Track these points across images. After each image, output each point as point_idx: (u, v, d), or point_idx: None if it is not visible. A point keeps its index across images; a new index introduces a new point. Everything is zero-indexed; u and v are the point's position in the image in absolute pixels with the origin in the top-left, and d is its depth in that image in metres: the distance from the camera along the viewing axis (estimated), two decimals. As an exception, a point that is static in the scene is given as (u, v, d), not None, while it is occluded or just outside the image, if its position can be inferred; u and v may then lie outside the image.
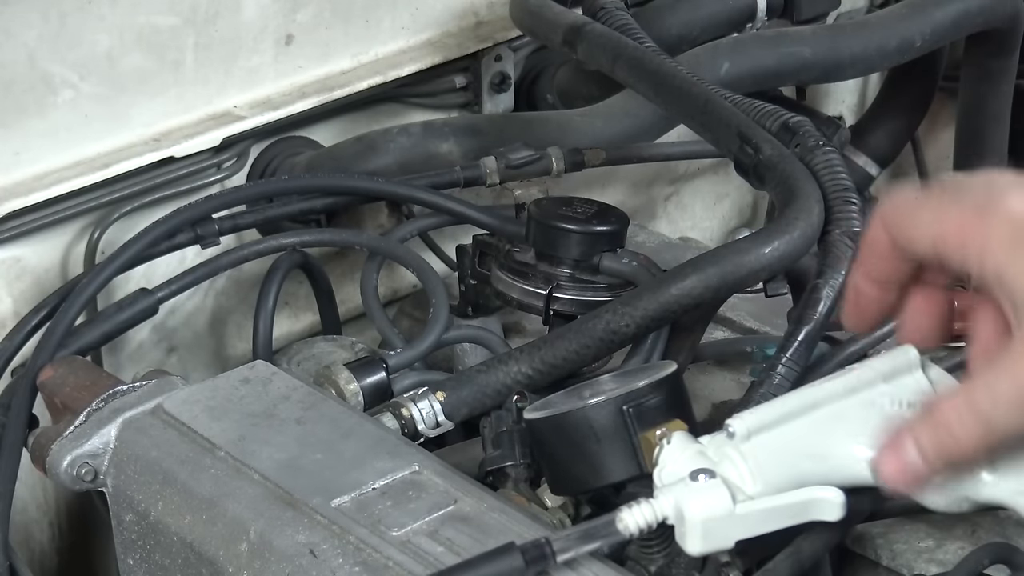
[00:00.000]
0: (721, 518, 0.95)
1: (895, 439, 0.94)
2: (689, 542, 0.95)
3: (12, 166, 1.52)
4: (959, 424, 0.92)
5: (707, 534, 0.95)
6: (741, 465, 0.96)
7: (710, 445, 0.98)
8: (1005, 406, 0.90)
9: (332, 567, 1.07)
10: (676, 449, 0.98)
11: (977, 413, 0.91)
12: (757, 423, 0.97)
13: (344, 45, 1.74)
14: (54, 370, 1.34)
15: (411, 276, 1.63)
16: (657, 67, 1.51)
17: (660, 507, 0.96)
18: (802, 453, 0.97)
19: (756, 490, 0.96)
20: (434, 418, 1.28)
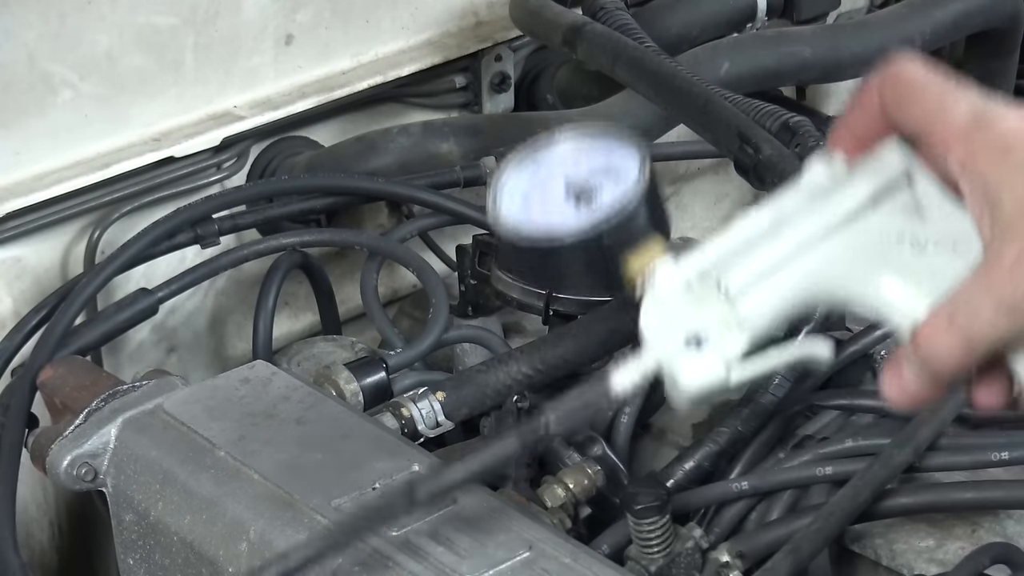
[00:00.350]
0: (713, 387, 0.95)
1: (894, 363, 0.96)
2: (677, 403, 0.95)
3: (12, 166, 1.52)
4: (943, 345, 0.93)
5: (697, 400, 0.95)
6: (733, 327, 0.95)
7: (699, 290, 0.96)
8: (984, 321, 0.92)
9: (332, 567, 1.07)
10: (663, 290, 0.97)
11: (958, 331, 0.93)
12: (750, 277, 0.96)
13: (344, 45, 1.74)
14: (54, 370, 1.34)
15: (411, 276, 1.63)
16: (657, 67, 1.51)
17: (648, 366, 0.96)
18: (796, 302, 0.97)
19: (746, 346, 0.96)
20: (434, 418, 1.28)
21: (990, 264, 0.92)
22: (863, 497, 1.13)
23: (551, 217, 1.10)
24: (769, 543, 1.15)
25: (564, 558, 1.06)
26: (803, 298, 0.97)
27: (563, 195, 1.10)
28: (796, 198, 0.98)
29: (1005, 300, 0.92)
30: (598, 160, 1.09)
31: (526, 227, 1.09)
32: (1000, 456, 1.17)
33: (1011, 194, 0.93)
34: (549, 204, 1.10)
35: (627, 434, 1.31)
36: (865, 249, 0.97)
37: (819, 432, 1.24)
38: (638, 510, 1.10)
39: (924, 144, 0.96)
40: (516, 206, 1.10)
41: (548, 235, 1.08)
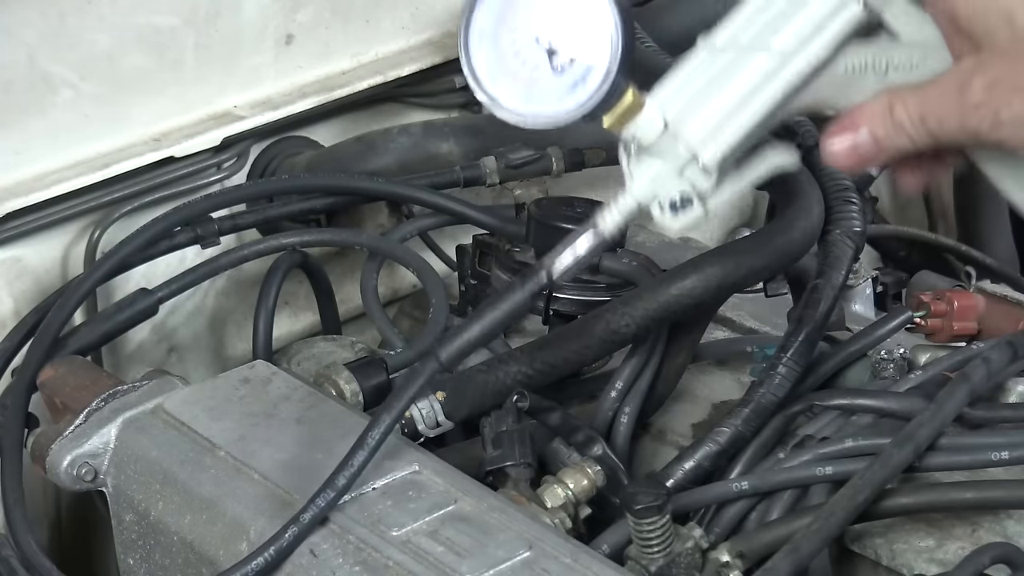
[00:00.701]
0: (695, 224, 1.06)
1: (849, 122, 1.03)
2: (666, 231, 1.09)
3: (12, 166, 1.52)
4: (911, 126, 1.01)
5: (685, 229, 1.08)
6: (710, 176, 1.04)
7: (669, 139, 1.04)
8: (949, 133, 1.00)
9: (332, 567, 1.07)
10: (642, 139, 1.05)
11: (926, 131, 1.01)
12: (725, 147, 1.04)
13: (344, 45, 1.74)
14: (54, 370, 1.34)
15: (411, 276, 1.63)
16: (657, 67, 1.51)
17: (631, 207, 1.07)
18: (757, 133, 1.04)
19: (716, 182, 1.05)
20: (434, 418, 1.28)
21: (963, 86, 0.98)
22: (863, 497, 1.13)
23: (539, 99, 1.06)
24: (769, 543, 1.15)
25: (564, 558, 1.06)
26: (764, 127, 1.04)
27: (542, 64, 1.05)
28: (747, 27, 1.04)
29: (969, 125, 0.98)
30: (563, 7, 1.06)
31: (516, 114, 1.07)
32: (1000, 456, 1.17)
33: (984, 25, 0.97)
34: (532, 83, 1.07)
35: (627, 434, 1.31)
36: (827, 83, 1.04)
37: (819, 432, 1.24)
38: (638, 510, 1.10)
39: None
40: (499, 90, 1.07)
41: (543, 120, 1.06)
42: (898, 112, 1.02)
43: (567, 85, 1.04)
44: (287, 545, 1.08)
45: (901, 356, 1.30)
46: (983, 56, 0.98)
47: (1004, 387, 1.27)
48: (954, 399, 1.20)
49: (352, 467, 1.11)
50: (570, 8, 1.04)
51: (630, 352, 1.33)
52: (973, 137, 0.99)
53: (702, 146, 1.03)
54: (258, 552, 1.08)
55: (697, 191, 1.05)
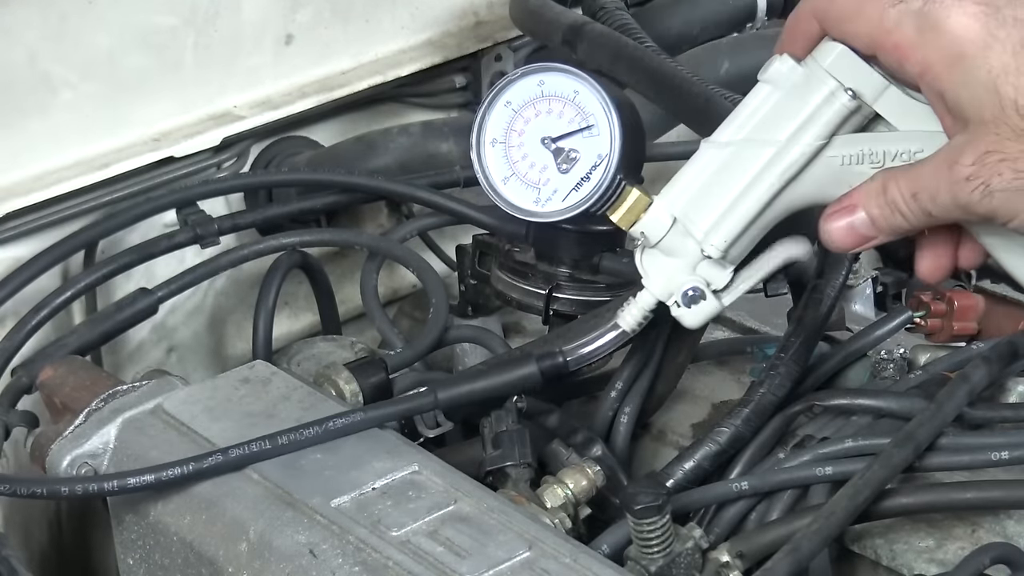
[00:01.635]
0: (712, 316, 1.13)
1: (845, 205, 1.06)
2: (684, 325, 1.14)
3: (12, 166, 1.52)
4: (904, 205, 1.04)
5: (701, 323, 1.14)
6: (722, 271, 1.11)
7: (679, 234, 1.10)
8: (942, 207, 1.02)
9: (332, 567, 1.07)
10: (651, 237, 1.11)
11: (919, 207, 1.03)
12: (728, 236, 1.09)
13: (344, 45, 1.74)
14: (54, 370, 1.34)
15: (411, 276, 1.63)
16: (657, 67, 1.51)
17: (649, 304, 1.14)
18: (764, 227, 1.10)
19: (730, 275, 1.11)
20: (433, 418, 1.28)
21: (953, 161, 1.00)
22: (863, 497, 1.13)
23: (548, 198, 1.13)
24: (769, 543, 1.15)
25: (564, 558, 1.06)
26: (767, 218, 1.09)
27: (550, 164, 1.14)
28: (747, 122, 1.08)
29: (960, 199, 1.00)
30: (565, 111, 1.13)
31: (529, 213, 1.14)
32: (1000, 456, 1.17)
33: (970, 99, 0.98)
34: (541, 183, 1.13)
35: (627, 434, 1.31)
36: (826, 175, 1.08)
37: (819, 432, 1.24)
38: (638, 510, 1.10)
39: (880, 58, 1.03)
40: (511, 193, 1.14)
41: (553, 217, 1.13)
42: (891, 191, 1.04)
43: (572, 182, 1.13)
44: (199, 470, 1.14)
45: (901, 356, 1.30)
46: (972, 130, 0.99)
47: (1004, 387, 1.27)
48: (954, 399, 1.20)
49: (299, 435, 1.16)
50: (571, 109, 1.13)
51: (630, 352, 1.33)
52: (965, 210, 1.01)
53: (706, 238, 1.09)
54: (177, 463, 1.14)
55: (711, 286, 1.11)
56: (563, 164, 1.13)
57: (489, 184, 1.15)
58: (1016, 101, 0.97)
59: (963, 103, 0.99)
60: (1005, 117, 0.98)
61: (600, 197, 1.11)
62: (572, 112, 1.12)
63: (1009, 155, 0.98)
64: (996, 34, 0.98)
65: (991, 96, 0.98)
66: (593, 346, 1.21)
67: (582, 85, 1.13)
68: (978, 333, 1.37)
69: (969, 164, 0.99)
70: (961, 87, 0.99)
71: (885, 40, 1.02)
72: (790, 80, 1.07)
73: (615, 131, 1.12)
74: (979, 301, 1.36)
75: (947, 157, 1.01)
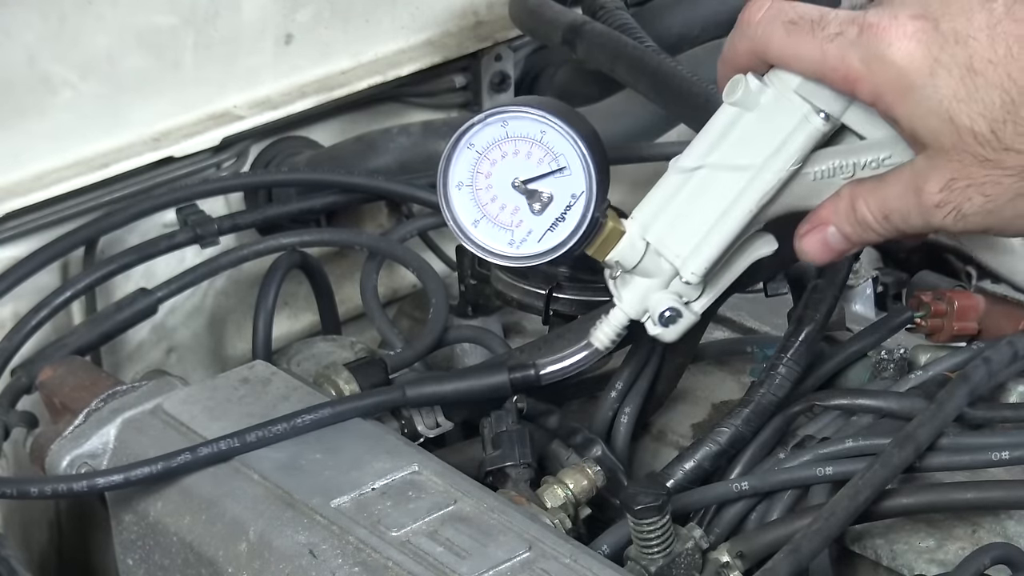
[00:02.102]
0: (687, 328, 1.13)
1: (816, 224, 1.07)
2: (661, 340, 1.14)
3: (12, 166, 1.52)
4: (876, 224, 1.04)
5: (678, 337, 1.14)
6: (687, 285, 1.11)
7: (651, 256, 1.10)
8: (913, 227, 1.02)
9: (332, 567, 1.07)
10: (624, 262, 1.10)
11: (892, 226, 1.03)
12: (706, 262, 1.09)
13: (344, 45, 1.74)
14: (53, 370, 1.34)
15: (411, 276, 1.62)
16: (657, 67, 1.51)
17: (622, 322, 1.13)
18: (736, 241, 1.09)
19: (702, 287, 1.11)
20: (434, 418, 1.28)
21: (919, 188, 1.00)
22: (863, 497, 1.13)
23: (523, 241, 1.11)
24: (769, 543, 1.15)
25: (564, 558, 1.06)
26: (742, 236, 1.09)
27: (522, 206, 1.11)
28: (716, 146, 1.07)
29: (934, 223, 1.00)
30: (533, 151, 1.10)
31: (503, 257, 1.11)
32: (1000, 456, 1.17)
33: (926, 128, 0.98)
34: (514, 225, 1.11)
35: (627, 435, 1.31)
36: (798, 188, 1.07)
37: (819, 432, 1.24)
38: (638, 510, 1.10)
39: (829, 84, 1.02)
40: (483, 237, 1.11)
41: (529, 260, 1.11)
42: (861, 210, 1.04)
43: (547, 223, 1.10)
44: (167, 468, 1.16)
45: (901, 356, 1.30)
46: (932, 156, 0.99)
47: (1004, 387, 1.27)
48: (954, 399, 1.20)
49: (267, 432, 1.17)
50: (539, 149, 1.09)
51: (630, 352, 1.32)
52: (940, 230, 1.02)
53: (684, 265, 1.09)
54: (147, 462, 1.15)
55: (684, 301, 1.11)
56: (536, 205, 1.10)
57: (459, 228, 1.11)
58: (973, 130, 0.96)
59: (920, 132, 0.98)
60: (964, 145, 0.96)
61: (579, 238, 1.09)
62: (541, 152, 1.09)
63: (975, 181, 0.97)
64: (939, 58, 0.96)
65: (947, 125, 0.97)
66: (565, 363, 1.21)
67: (548, 127, 1.09)
68: (978, 333, 1.37)
69: (936, 192, 0.99)
70: (916, 118, 0.98)
71: (833, 75, 1.01)
72: (758, 102, 1.06)
73: (590, 171, 1.08)
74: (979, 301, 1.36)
75: (913, 182, 1.00)
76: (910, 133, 1.00)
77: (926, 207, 1.00)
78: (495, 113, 1.10)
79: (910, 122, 0.99)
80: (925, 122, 0.98)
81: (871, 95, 1.00)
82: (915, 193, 1.00)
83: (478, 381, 1.24)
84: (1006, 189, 0.97)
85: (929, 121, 0.97)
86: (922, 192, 1.00)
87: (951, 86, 0.96)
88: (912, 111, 0.98)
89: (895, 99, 0.98)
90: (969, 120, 0.95)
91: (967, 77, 0.95)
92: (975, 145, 0.96)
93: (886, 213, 1.03)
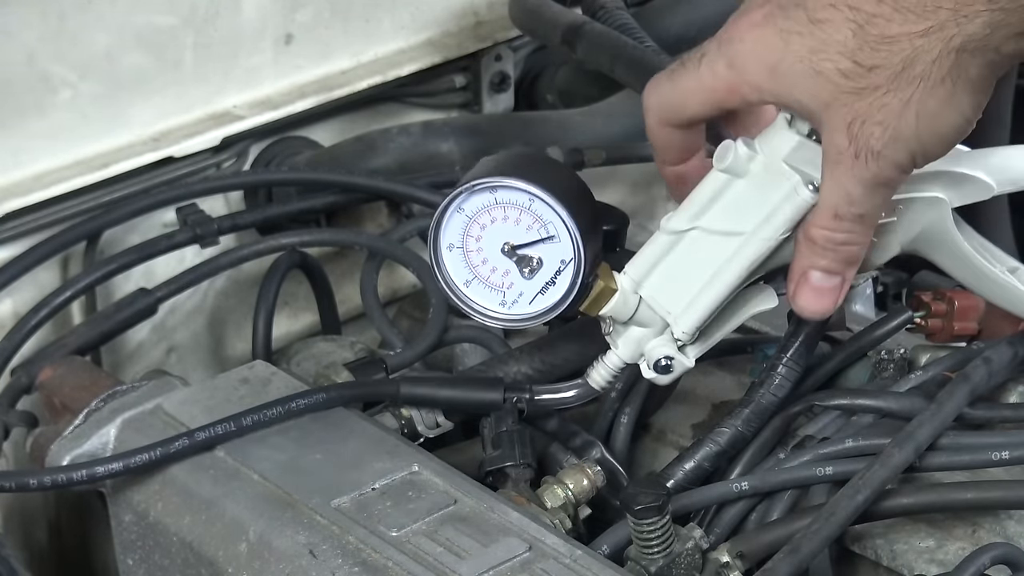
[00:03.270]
0: (682, 373, 1.15)
1: (796, 277, 1.07)
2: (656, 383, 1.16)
3: (12, 166, 1.52)
4: (841, 235, 1.04)
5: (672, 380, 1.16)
6: (693, 339, 1.13)
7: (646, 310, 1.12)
8: (864, 198, 1.02)
9: (332, 567, 1.07)
10: (618, 315, 1.12)
11: (847, 218, 1.03)
12: (698, 321, 1.11)
13: (344, 45, 1.73)
14: (53, 370, 1.34)
15: (411, 276, 1.62)
16: (657, 67, 1.51)
17: (618, 365, 1.16)
18: (728, 296, 1.11)
19: (697, 336, 1.13)
20: (433, 418, 1.28)
21: (835, 158, 1.01)
22: (863, 497, 1.13)
23: (514, 302, 1.12)
24: (769, 543, 1.15)
25: (564, 558, 1.06)
26: (734, 294, 1.11)
27: (512, 269, 1.12)
28: (706, 209, 1.09)
29: (867, 178, 1.00)
30: (522, 218, 1.11)
31: (495, 318, 1.13)
32: (1000, 456, 1.17)
33: (804, 94, 1.00)
34: (505, 288, 1.12)
35: (626, 435, 1.31)
36: (787, 250, 1.08)
37: (819, 432, 1.24)
38: (638, 510, 1.10)
39: (728, 106, 1.06)
40: (475, 297, 1.13)
41: (520, 322, 1.13)
42: (816, 236, 1.05)
43: (538, 287, 1.11)
44: (166, 454, 1.16)
45: (901, 356, 1.30)
46: (824, 118, 1.00)
47: (1004, 387, 1.27)
48: (954, 399, 1.20)
49: (263, 415, 1.18)
50: (528, 216, 1.10)
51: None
52: (884, 186, 1.01)
53: (676, 323, 1.11)
54: (144, 449, 1.16)
55: (680, 345, 1.13)
56: (526, 270, 1.11)
57: (451, 288, 1.13)
58: (838, 69, 0.98)
59: (803, 100, 1.01)
60: (839, 88, 0.98)
61: (571, 303, 1.11)
62: (529, 219, 1.10)
63: (865, 114, 0.99)
64: (785, 26, 1.00)
65: (817, 79, 0.99)
66: (559, 395, 1.22)
67: (534, 199, 1.10)
68: (978, 333, 1.37)
69: (847, 146, 1.00)
70: (793, 89, 1.01)
71: (718, 95, 1.05)
72: (748, 169, 1.07)
73: (577, 241, 1.09)
74: (980, 301, 1.36)
75: (829, 159, 1.02)
76: (799, 108, 1.02)
77: (850, 168, 1.00)
78: (483, 187, 1.10)
79: (791, 96, 1.01)
80: (800, 88, 1.00)
81: (753, 92, 1.03)
82: (835, 165, 1.01)
83: (473, 394, 1.25)
84: (892, 107, 0.98)
85: (802, 85, 1.00)
86: (840, 158, 1.00)
87: (805, 44, 0.99)
88: (786, 85, 1.01)
89: (769, 84, 1.01)
90: (832, 63, 0.98)
91: (815, 29, 0.98)
92: (846, 82, 0.98)
93: (834, 214, 1.03)
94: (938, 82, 0.97)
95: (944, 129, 0.99)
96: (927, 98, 0.97)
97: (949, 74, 0.97)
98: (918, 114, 0.98)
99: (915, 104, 0.98)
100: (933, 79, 0.97)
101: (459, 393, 1.25)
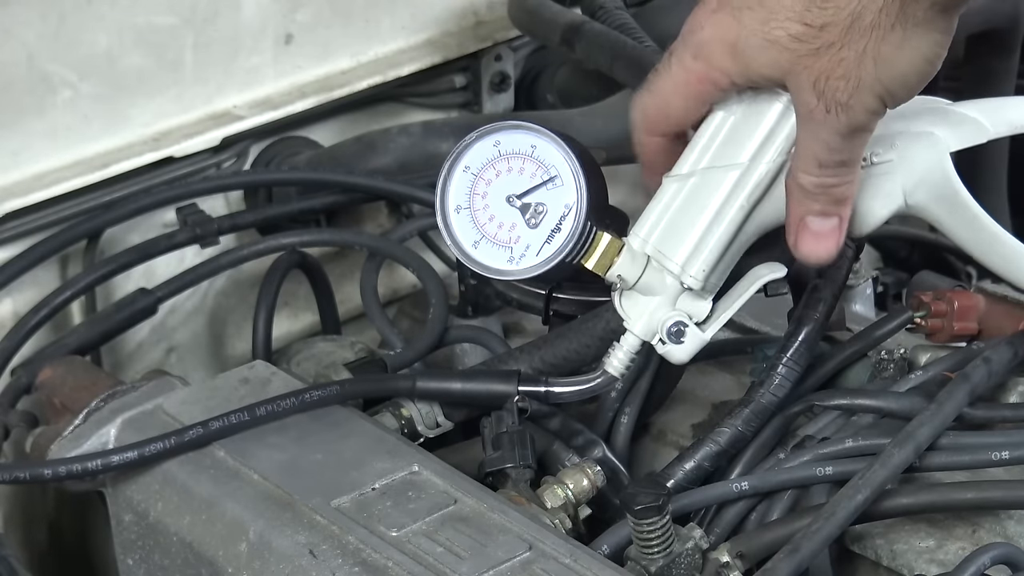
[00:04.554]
0: (698, 349, 1.14)
1: (793, 224, 1.09)
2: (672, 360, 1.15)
3: (11, 166, 1.52)
4: (828, 179, 1.06)
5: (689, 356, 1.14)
6: (702, 302, 1.13)
7: (654, 271, 1.11)
8: (841, 145, 1.04)
9: (332, 567, 1.07)
10: (626, 279, 1.11)
11: (830, 165, 1.05)
12: (706, 264, 1.10)
13: (344, 45, 1.74)
14: (53, 370, 1.34)
15: (411, 276, 1.63)
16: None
17: (634, 346, 1.14)
18: (735, 251, 1.12)
19: (710, 304, 1.13)
20: (433, 418, 1.28)
21: (807, 114, 1.03)
22: (863, 497, 1.13)
23: (521, 256, 1.13)
24: (769, 543, 1.15)
25: (564, 558, 1.06)
26: (740, 243, 1.11)
27: (518, 222, 1.13)
28: (706, 151, 1.10)
29: (843, 128, 1.03)
30: (526, 166, 1.12)
31: (504, 273, 1.13)
32: (1000, 456, 1.17)
33: (767, 66, 1.03)
34: (512, 242, 1.13)
35: (627, 435, 1.31)
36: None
37: (819, 432, 1.24)
38: (638, 510, 1.10)
39: (710, 99, 1.08)
40: (484, 256, 1.13)
41: (528, 274, 1.12)
42: (804, 181, 1.07)
43: (544, 236, 1.12)
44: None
45: (901, 356, 1.30)
46: (791, 79, 1.03)
47: (1004, 387, 1.27)
48: (954, 399, 1.20)
49: (277, 406, 1.18)
50: (532, 163, 1.12)
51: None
52: (860, 131, 1.04)
53: (684, 270, 1.11)
54: (159, 438, 1.16)
55: (693, 319, 1.13)
56: (531, 219, 1.12)
57: (460, 250, 1.14)
58: (790, 34, 1.01)
59: (767, 72, 1.04)
60: (796, 51, 1.01)
61: (573, 247, 1.11)
62: (533, 167, 1.12)
63: (828, 71, 1.01)
64: (737, 5, 1.03)
65: (773, 48, 1.02)
66: (577, 388, 1.21)
67: (539, 139, 1.12)
68: (978, 333, 1.37)
69: (816, 103, 1.02)
70: (755, 64, 1.04)
71: (693, 88, 1.07)
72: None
73: (579, 179, 1.11)
74: (979, 301, 1.36)
75: (801, 114, 1.04)
76: (766, 81, 1.05)
77: (824, 122, 1.03)
78: (486, 132, 1.13)
79: (755, 72, 1.04)
80: (760, 60, 1.03)
81: (723, 77, 1.05)
82: (808, 120, 1.04)
83: (488, 386, 1.24)
84: (850, 60, 1.01)
85: (763, 57, 1.03)
86: (812, 115, 1.03)
87: (756, 17, 1.02)
88: (747, 61, 1.04)
89: (732, 64, 1.04)
90: (783, 30, 1.01)
91: (763, 1, 1.02)
92: (801, 45, 1.01)
93: (818, 162, 1.05)
94: (888, 29, 1.00)
95: (905, 69, 1.02)
96: (881, 45, 1.00)
97: (898, 20, 1.00)
98: (876, 61, 1.01)
99: (871, 52, 1.00)
100: (883, 27, 1.00)
101: (473, 386, 1.25)
